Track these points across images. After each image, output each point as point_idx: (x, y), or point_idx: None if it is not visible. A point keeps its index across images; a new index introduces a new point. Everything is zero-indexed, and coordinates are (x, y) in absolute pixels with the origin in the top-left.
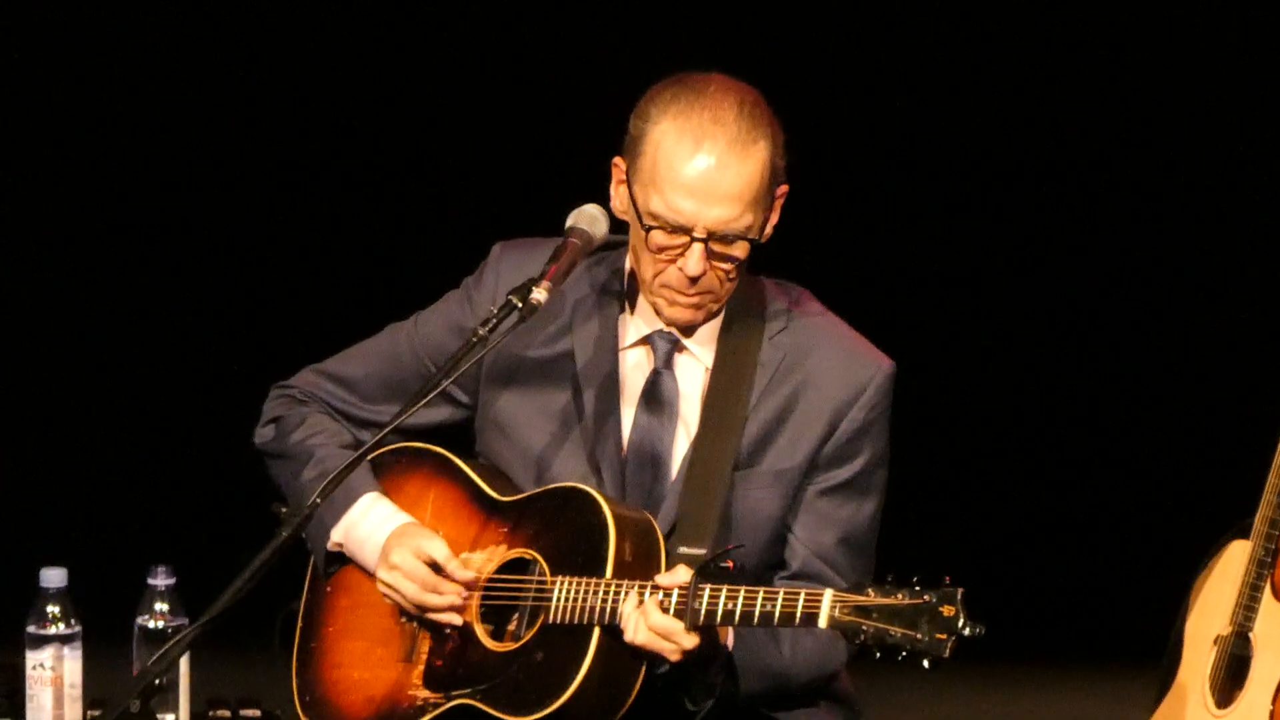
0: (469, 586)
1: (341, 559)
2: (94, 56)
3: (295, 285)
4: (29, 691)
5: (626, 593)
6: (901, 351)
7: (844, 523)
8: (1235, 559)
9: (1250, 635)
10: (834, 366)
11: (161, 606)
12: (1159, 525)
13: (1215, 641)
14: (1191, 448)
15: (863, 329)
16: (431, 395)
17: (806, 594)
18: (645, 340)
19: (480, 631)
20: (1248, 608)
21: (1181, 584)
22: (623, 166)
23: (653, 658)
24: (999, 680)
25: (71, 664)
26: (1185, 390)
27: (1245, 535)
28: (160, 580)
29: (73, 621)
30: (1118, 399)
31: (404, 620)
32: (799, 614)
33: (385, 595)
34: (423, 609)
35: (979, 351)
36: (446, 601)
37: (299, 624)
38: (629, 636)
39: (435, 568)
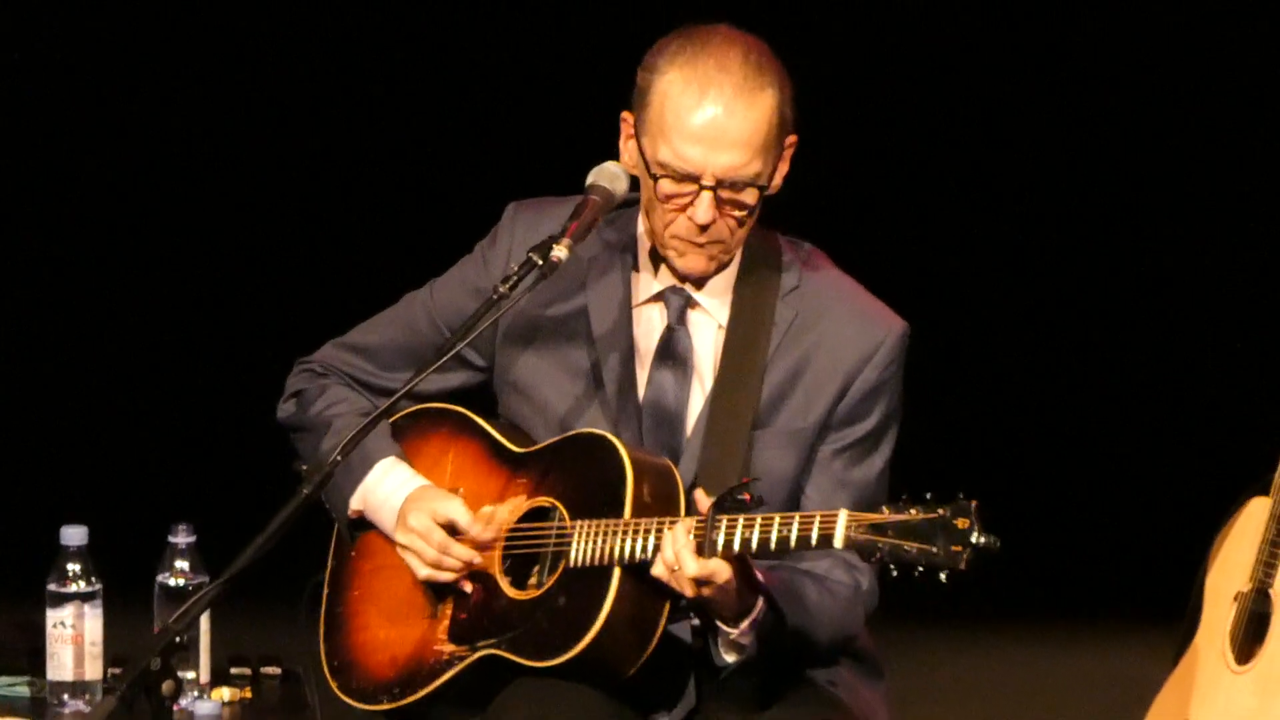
0: (488, 545)
1: (364, 524)
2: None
3: (313, 247)
4: (50, 649)
5: (646, 531)
6: (918, 304)
7: (857, 482)
8: (1256, 515)
9: (1270, 592)
10: (847, 327)
11: (182, 564)
12: (1180, 481)
13: (1235, 598)
14: (1213, 404)
15: (879, 286)
16: (449, 355)
17: (822, 515)
18: (658, 297)
19: (503, 582)
20: (1268, 564)
21: (1202, 540)
22: (630, 120)
23: (675, 595)
24: (1019, 636)
25: (92, 622)
26: (1209, 345)
27: (1266, 492)
28: (181, 538)
29: (93, 579)
30: (1140, 354)
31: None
32: (815, 536)
33: (405, 559)
34: (439, 568)
35: (996, 307)
36: (461, 565)
37: (325, 591)
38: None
39: (453, 530)
